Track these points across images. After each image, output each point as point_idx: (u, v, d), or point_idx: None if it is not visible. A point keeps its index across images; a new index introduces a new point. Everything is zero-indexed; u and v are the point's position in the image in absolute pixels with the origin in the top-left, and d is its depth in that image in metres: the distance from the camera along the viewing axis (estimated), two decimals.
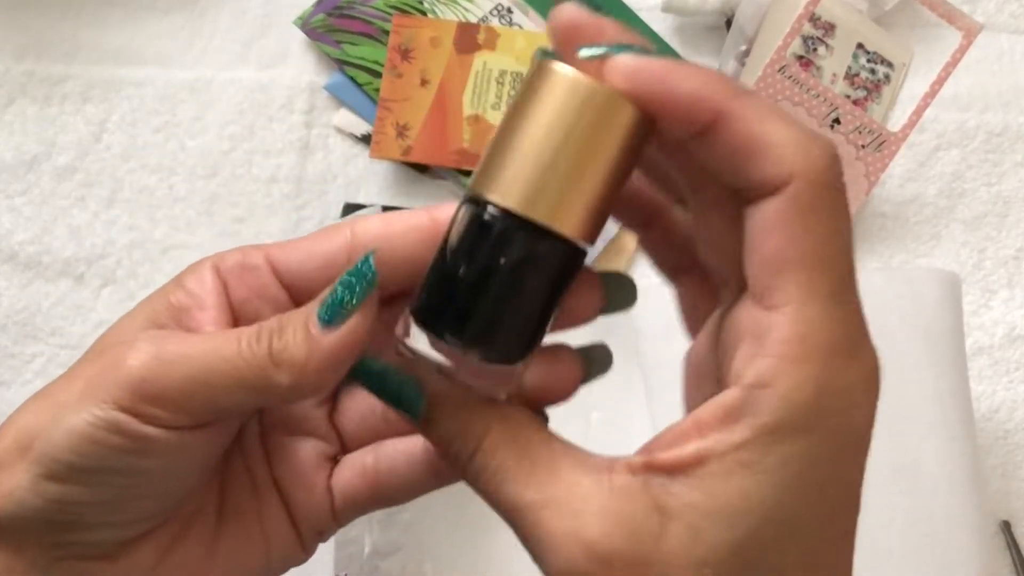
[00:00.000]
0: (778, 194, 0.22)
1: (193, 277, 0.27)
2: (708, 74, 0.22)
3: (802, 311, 0.22)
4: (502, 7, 0.59)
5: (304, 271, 0.28)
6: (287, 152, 0.58)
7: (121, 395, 0.24)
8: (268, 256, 0.28)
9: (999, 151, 0.62)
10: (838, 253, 0.22)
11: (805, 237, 0.22)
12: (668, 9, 0.59)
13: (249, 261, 0.28)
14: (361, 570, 0.49)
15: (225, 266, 0.28)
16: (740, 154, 0.22)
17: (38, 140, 0.57)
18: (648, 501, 0.22)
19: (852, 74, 0.56)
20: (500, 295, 0.24)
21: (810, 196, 0.22)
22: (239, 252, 0.28)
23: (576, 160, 0.23)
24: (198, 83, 0.59)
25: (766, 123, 0.22)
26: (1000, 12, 0.64)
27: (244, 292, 0.28)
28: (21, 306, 0.55)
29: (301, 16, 0.59)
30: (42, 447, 0.24)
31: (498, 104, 0.57)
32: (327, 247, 0.28)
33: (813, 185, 0.22)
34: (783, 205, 0.22)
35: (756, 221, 0.22)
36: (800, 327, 0.21)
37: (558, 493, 0.23)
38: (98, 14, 0.60)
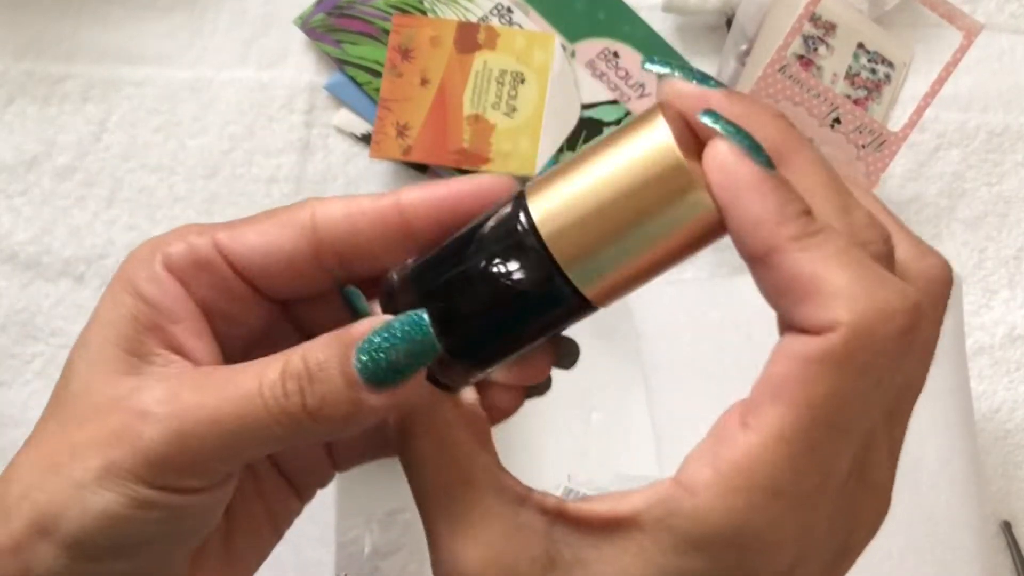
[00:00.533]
0: (816, 337, 0.20)
1: (149, 284, 0.25)
2: (779, 199, 0.21)
3: (767, 447, 0.20)
4: (502, 6, 0.59)
5: (263, 266, 0.26)
6: (287, 152, 0.58)
7: (147, 472, 0.23)
8: (219, 246, 0.26)
9: (1000, 151, 0.62)
10: (849, 413, 0.20)
11: (815, 385, 0.20)
12: (669, 9, 0.59)
13: (201, 256, 0.26)
14: (361, 570, 0.49)
15: (177, 264, 0.26)
16: (786, 295, 0.21)
17: (38, 140, 0.57)
18: (541, 547, 0.22)
19: (853, 74, 0.56)
20: (490, 309, 0.23)
21: (847, 349, 0.20)
22: (183, 243, 0.26)
23: (629, 228, 0.22)
24: (198, 83, 0.59)
25: (821, 265, 0.20)
26: (1000, 12, 0.64)
27: (206, 292, 0.26)
28: (21, 306, 0.55)
29: (301, 16, 0.59)
30: (72, 531, 0.23)
31: (498, 104, 0.57)
32: (286, 240, 0.26)
33: (858, 336, 0.20)
34: (811, 349, 0.20)
35: (783, 342, 0.21)
36: (755, 461, 0.20)
37: (462, 509, 0.23)
38: (98, 13, 0.60)
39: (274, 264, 0.26)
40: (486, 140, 0.57)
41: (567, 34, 0.59)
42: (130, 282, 0.25)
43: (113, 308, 0.25)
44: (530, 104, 0.57)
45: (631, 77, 0.59)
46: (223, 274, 0.26)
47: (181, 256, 0.26)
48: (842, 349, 0.20)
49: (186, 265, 0.26)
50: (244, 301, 0.26)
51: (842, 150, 0.55)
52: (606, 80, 0.59)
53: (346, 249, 0.26)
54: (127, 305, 0.25)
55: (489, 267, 0.23)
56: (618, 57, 0.60)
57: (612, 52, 0.60)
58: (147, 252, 0.26)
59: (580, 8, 0.60)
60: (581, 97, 0.58)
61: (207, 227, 0.27)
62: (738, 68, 0.58)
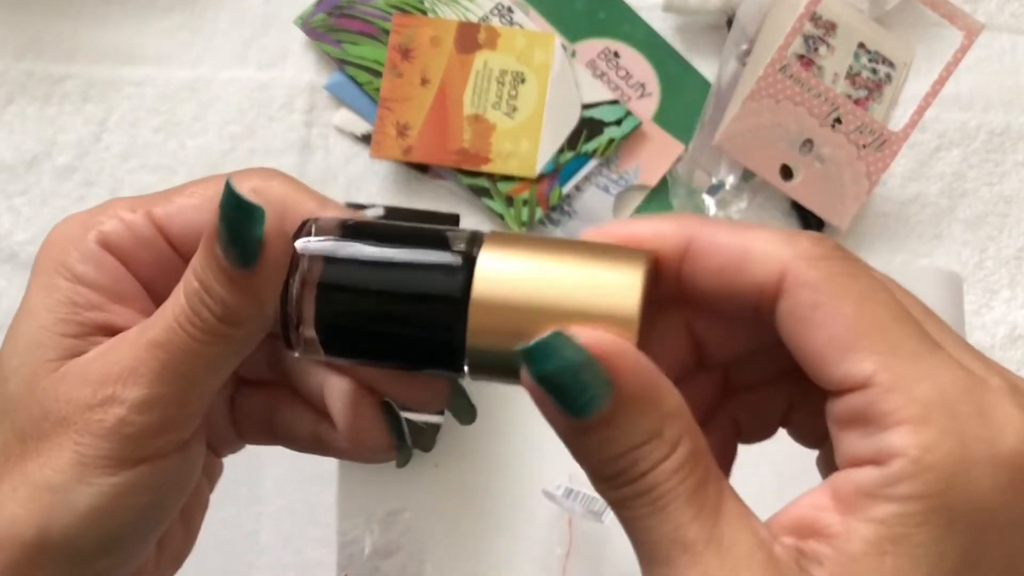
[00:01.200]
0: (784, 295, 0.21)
1: (85, 265, 0.24)
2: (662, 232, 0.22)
3: (896, 375, 0.20)
4: (503, 6, 0.59)
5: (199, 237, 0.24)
6: (287, 152, 0.58)
7: (122, 449, 0.23)
8: (157, 224, 0.25)
9: (1000, 151, 0.62)
10: (883, 308, 0.21)
11: (836, 314, 0.20)
12: (669, 8, 0.59)
13: (140, 233, 0.25)
14: (362, 570, 0.49)
15: (114, 242, 0.25)
16: (726, 272, 0.22)
17: (38, 140, 0.57)
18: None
19: (853, 74, 0.56)
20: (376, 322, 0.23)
21: (814, 276, 0.21)
22: (116, 220, 0.25)
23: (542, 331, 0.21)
24: (198, 83, 0.59)
25: (741, 236, 0.22)
26: (1001, 12, 0.64)
27: (146, 270, 0.25)
28: None
29: (301, 16, 0.59)
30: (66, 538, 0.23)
31: (498, 104, 0.57)
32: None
33: (810, 264, 0.21)
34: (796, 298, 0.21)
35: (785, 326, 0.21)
36: (904, 389, 0.20)
37: (722, 541, 0.21)
38: (98, 13, 0.60)
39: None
40: (486, 140, 0.57)
41: (567, 34, 0.59)
42: (62, 264, 0.24)
43: (46, 294, 0.24)
44: (530, 104, 0.57)
45: (632, 77, 0.59)
46: (163, 251, 0.25)
47: (118, 234, 0.25)
48: (808, 274, 0.21)
49: (124, 243, 0.25)
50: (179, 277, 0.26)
51: (843, 150, 0.55)
52: (606, 80, 0.59)
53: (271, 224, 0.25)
54: (62, 289, 0.24)
55: (406, 289, 0.23)
56: (618, 57, 0.59)
57: (612, 52, 0.59)
58: (76, 231, 0.25)
59: (580, 8, 0.60)
60: (581, 97, 0.58)
61: (136, 200, 0.26)
62: (738, 68, 0.58)
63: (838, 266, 0.21)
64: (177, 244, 0.25)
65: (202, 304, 0.23)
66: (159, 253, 0.25)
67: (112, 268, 0.25)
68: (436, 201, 0.58)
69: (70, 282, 0.24)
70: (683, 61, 0.60)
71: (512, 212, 0.57)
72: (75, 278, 0.24)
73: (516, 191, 0.57)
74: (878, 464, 0.20)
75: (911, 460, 0.19)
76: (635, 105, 0.59)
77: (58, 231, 0.25)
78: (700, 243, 0.22)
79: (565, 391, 0.20)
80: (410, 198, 0.58)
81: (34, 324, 0.24)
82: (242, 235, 0.22)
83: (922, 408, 0.19)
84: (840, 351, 0.20)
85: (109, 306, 0.24)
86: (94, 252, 0.24)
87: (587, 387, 0.20)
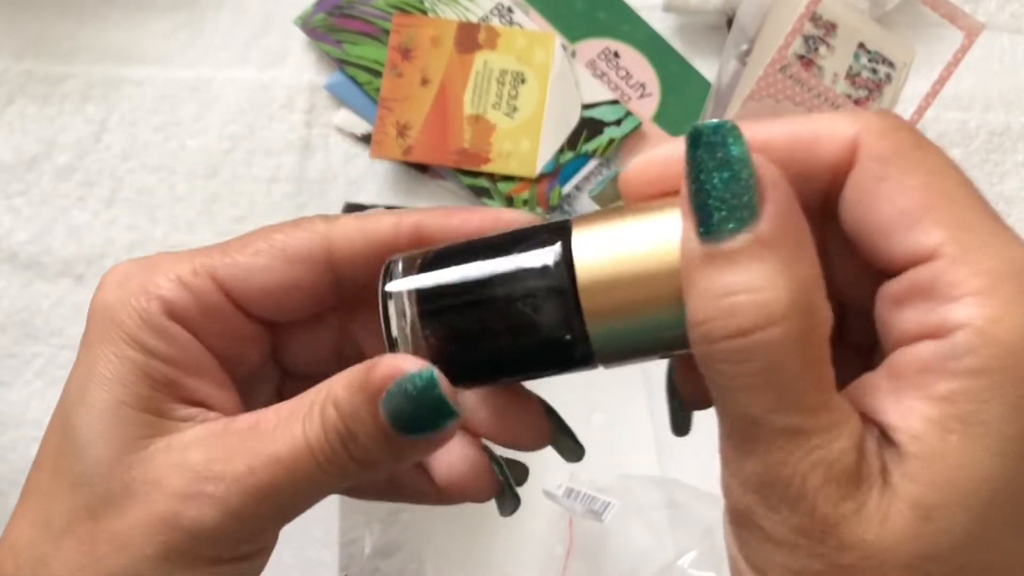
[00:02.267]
0: (853, 170, 0.20)
1: (157, 338, 0.23)
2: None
3: (965, 247, 0.19)
4: (503, 6, 0.59)
5: (274, 306, 0.24)
6: (287, 152, 0.58)
7: (209, 550, 0.22)
8: (224, 289, 0.24)
9: (1001, 151, 0.62)
10: (952, 182, 0.20)
11: (905, 186, 0.19)
12: (669, 8, 0.59)
13: (208, 303, 0.24)
14: (362, 570, 0.49)
15: (183, 314, 0.24)
16: (796, 158, 0.20)
17: (38, 140, 0.57)
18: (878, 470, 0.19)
19: (853, 74, 0.56)
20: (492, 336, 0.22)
21: (884, 147, 0.20)
22: (180, 287, 0.24)
23: (663, 304, 0.20)
24: (198, 83, 0.59)
25: (804, 121, 0.20)
26: (1001, 12, 0.64)
27: (217, 339, 0.24)
28: (21, 306, 0.55)
29: (301, 15, 0.59)
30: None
31: (499, 104, 0.57)
32: (300, 278, 0.24)
33: (880, 135, 0.20)
34: (864, 171, 0.20)
35: (850, 202, 0.20)
36: (973, 260, 0.19)
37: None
38: (98, 13, 0.60)
39: (285, 302, 0.25)
40: (486, 140, 0.57)
41: (568, 34, 0.59)
42: (130, 336, 0.23)
43: (118, 364, 0.23)
44: (531, 104, 0.57)
45: (632, 77, 0.59)
46: (232, 318, 0.25)
47: (185, 304, 0.24)
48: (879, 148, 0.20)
49: (192, 314, 0.24)
50: (251, 339, 0.25)
51: None
52: (607, 80, 0.59)
53: (363, 277, 0.24)
54: (136, 361, 0.23)
55: (510, 297, 0.22)
56: (619, 57, 0.59)
57: (613, 52, 0.59)
58: (137, 297, 0.24)
59: (580, 8, 0.60)
60: (582, 97, 0.58)
61: (194, 258, 0.25)
62: (739, 68, 0.58)
63: (907, 138, 0.20)
64: (246, 306, 0.25)
65: (344, 447, 0.22)
66: (228, 320, 0.25)
67: (184, 342, 0.24)
68: (436, 201, 0.58)
69: (143, 355, 0.23)
70: (683, 61, 0.60)
71: None
72: (147, 352, 0.23)
73: (516, 191, 0.57)
74: (940, 337, 0.18)
75: (976, 331, 0.18)
76: (635, 105, 0.59)
77: (114, 294, 0.24)
78: (759, 138, 0.21)
79: (715, 193, 0.19)
80: (410, 198, 0.58)
81: (110, 396, 0.23)
82: (424, 425, 0.22)
83: (990, 280, 0.18)
84: (907, 223, 0.19)
85: (185, 380, 0.24)
86: (163, 325, 0.24)
87: (736, 198, 0.19)
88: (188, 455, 0.22)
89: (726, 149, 0.19)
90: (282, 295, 0.25)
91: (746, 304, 0.18)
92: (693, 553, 0.44)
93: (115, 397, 0.23)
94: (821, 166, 0.21)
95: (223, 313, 0.24)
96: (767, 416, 0.18)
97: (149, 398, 0.23)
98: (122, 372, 0.23)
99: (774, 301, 0.18)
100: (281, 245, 0.24)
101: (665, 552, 0.45)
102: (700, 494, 0.45)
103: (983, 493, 0.18)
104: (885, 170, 0.20)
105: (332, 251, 0.24)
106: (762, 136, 0.21)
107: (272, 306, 0.25)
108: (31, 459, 0.58)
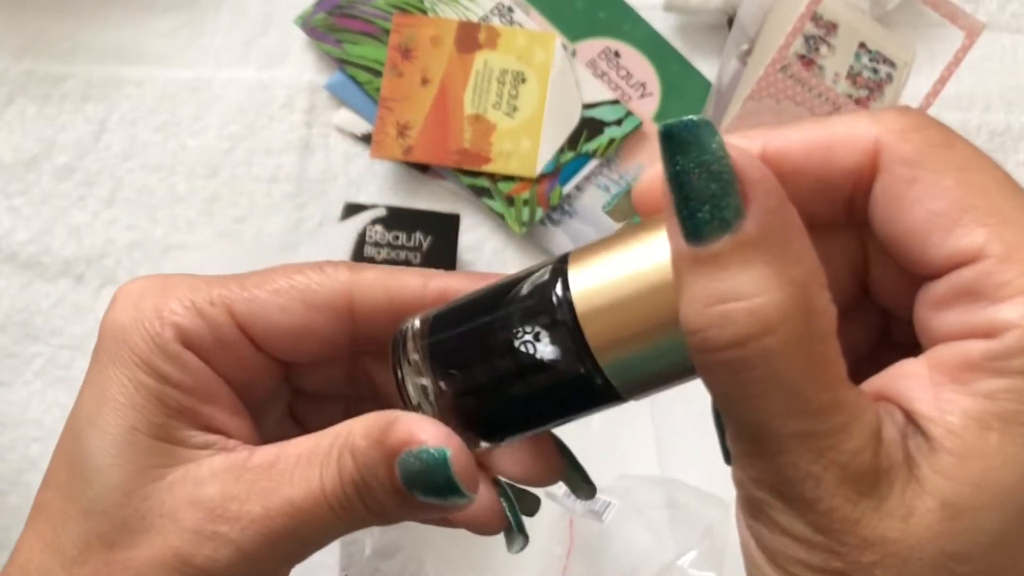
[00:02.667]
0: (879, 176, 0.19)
1: (172, 366, 0.23)
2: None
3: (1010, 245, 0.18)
4: (503, 6, 0.59)
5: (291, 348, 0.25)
6: (287, 152, 0.58)
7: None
8: (241, 325, 0.24)
9: (1002, 150, 0.62)
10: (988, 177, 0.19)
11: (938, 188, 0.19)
12: (670, 8, 0.59)
13: (224, 336, 0.24)
14: (362, 571, 0.49)
15: (198, 343, 0.24)
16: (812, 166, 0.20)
17: (38, 140, 0.57)
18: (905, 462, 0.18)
19: (854, 74, 0.56)
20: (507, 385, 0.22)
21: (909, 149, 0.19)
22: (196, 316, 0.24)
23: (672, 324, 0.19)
24: (198, 82, 0.59)
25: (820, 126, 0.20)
26: (1002, 12, 0.64)
27: (230, 370, 0.24)
28: (21, 306, 0.55)
29: (302, 15, 0.59)
30: None
31: (499, 103, 0.57)
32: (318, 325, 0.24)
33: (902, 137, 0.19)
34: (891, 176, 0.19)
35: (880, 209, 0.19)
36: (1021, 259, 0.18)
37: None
38: (98, 13, 0.60)
39: (299, 345, 0.25)
40: (487, 140, 0.57)
41: (568, 33, 0.59)
42: (144, 361, 0.23)
43: (132, 391, 0.23)
44: (531, 104, 0.57)
45: (632, 77, 0.59)
46: (246, 352, 0.25)
47: (199, 333, 0.24)
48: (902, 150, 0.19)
49: (206, 343, 0.24)
50: (264, 370, 0.26)
51: None
52: (607, 80, 0.59)
53: (381, 330, 0.24)
54: (149, 387, 0.23)
55: (513, 338, 0.21)
56: (619, 56, 0.59)
57: (613, 51, 0.59)
58: (151, 322, 0.24)
59: (581, 7, 0.60)
60: (582, 97, 0.58)
61: (209, 285, 0.24)
62: (739, 68, 0.58)
63: (933, 136, 0.19)
64: (260, 342, 0.25)
65: (360, 497, 0.22)
66: (241, 353, 0.25)
67: (198, 370, 0.24)
68: (436, 201, 0.58)
69: (156, 381, 0.23)
70: (684, 61, 0.60)
71: (512, 212, 0.57)
72: (161, 378, 0.23)
73: (516, 191, 0.57)
74: (989, 337, 0.18)
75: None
76: (635, 105, 0.59)
77: (128, 315, 0.24)
78: (775, 146, 0.20)
79: (693, 193, 0.18)
80: (410, 198, 0.58)
81: (123, 422, 0.23)
82: (438, 494, 0.22)
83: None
84: (945, 225, 0.18)
85: (199, 407, 0.24)
86: (177, 352, 0.24)
87: (716, 197, 0.18)
88: (204, 490, 0.22)
89: (700, 145, 0.18)
90: (297, 337, 0.25)
91: (738, 312, 0.18)
92: (693, 553, 0.44)
93: (128, 423, 0.23)
94: (841, 173, 0.20)
95: (237, 346, 0.24)
96: (773, 422, 0.18)
97: (163, 425, 0.23)
98: (135, 398, 0.23)
99: (767, 307, 0.18)
100: (302, 288, 0.24)
101: (665, 552, 0.45)
102: (700, 494, 0.45)
103: (1020, 495, 0.17)
104: (914, 173, 0.19)
105: (353, 303, 0.24)
106: (777, 144, 0.20)
107: (286, 347, 0.25)
108: (31, 459, 0.58)
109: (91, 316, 0.56)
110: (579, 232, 0.57)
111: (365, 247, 0.52)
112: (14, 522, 0.53)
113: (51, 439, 0.53)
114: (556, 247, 0.57)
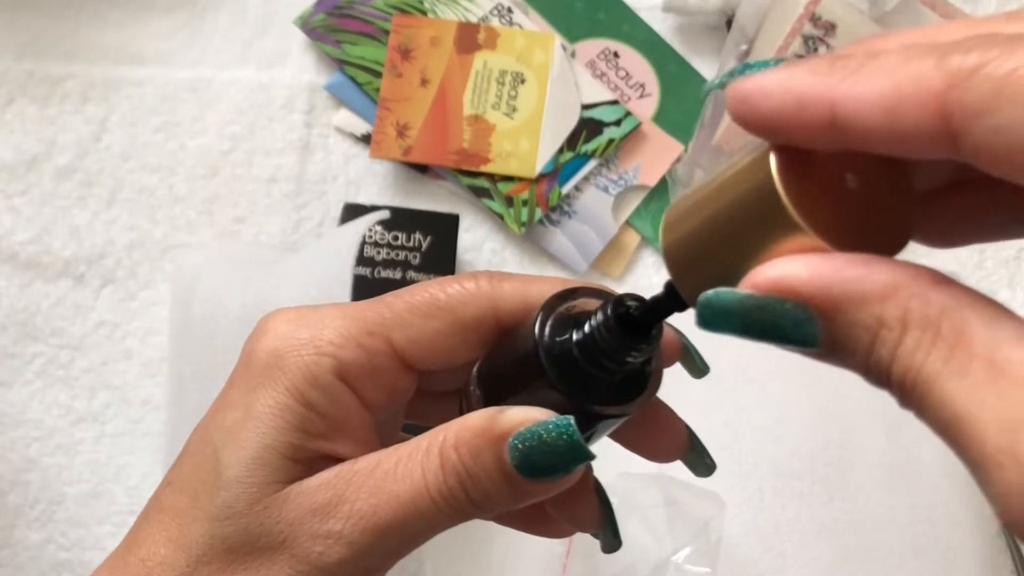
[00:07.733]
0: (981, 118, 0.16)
1: (322, 396, 0.25)
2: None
3: None
4: (502, 7, 0.59)
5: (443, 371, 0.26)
6: (287, 152, 0.58)
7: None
8: (394, 347, 0.25)
9: None
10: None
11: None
12: (668, 9, 0.59)
13: (380, 364, 0.25)
14: None
15: (352, 373, 0.25)
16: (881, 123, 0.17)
17: (38, 140, 0.57)
18: None
19: None
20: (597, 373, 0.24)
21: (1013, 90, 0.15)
22: (358, 349, 0.25)
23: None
24: (198, 83, 0.59)
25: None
26: (1000, 12, 0.64)
27: (378, 396, 0.26)
28: (21, 306, 0.55)
29: (301, 16, 0.59)
30: None
31: (498, 104, 0.57)
32: (472, 349, 0.26)
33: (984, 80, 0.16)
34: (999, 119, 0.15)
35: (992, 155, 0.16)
36: None
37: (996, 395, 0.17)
38: (98, 13, 0.60)
39: (449, 360, 0.26)
40: (486, 140, 0.57)
41: (567, 34, 0.59)
42: (295, 387, 0.25)
43: (276, 412, 0.25)
44: (530, 104, 0.57)
45: (631, 77, 0.59)
46: (400, 379, 0.26)
47: (358, 366, 0.25)
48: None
49: (362, 375, 0.25)
50: (408, 386, 0.27)
51: None
52: (606, 80, 0.59)
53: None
54: (296, 413, 0.25)
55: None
56: (618, 57, 0.60)
57: (612, 52, 0.60)
58: (309, 352, 0.25)
59: (580, 8, 0.60)
60: (581, 97, 0.58)
61: (367, 316, 0.26)
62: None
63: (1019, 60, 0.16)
64: (413, 363, 0.26)
65: (464, 491, 0.24)
66: (391, 376, 0.26)
67: (345, 402, 0.25)
68: (436, 201, 0.58)
69: (303, 407, 0.25)
70: (683, 61, 0.60)
71: (512, 212, 0.57)
72: (308, 405, 0.25)
73: (516, 191, 0.57)
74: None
75: None
76: (635, 105, 0.59)
77: (285, 343, 0.25)
78: (845, 108, 0.17)
79: (773, 334, 0.18)
80: (410, 198, 0.58)
81: (262, 441, 0.25)
82: (553, 469, 0.23)
83: None
84: None
85: (333, 435, 0.25)
86: (329, 383, 0.25)
87: (787, 323, 0.18)
88: (317, 495, 0.24)
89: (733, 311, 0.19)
90: (450, 354, 0.26)
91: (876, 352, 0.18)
92: (688, 549, 0.44)
93: (266, 442, 0.25)
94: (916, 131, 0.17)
95: (390, 371, 0.26)
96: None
97: (297, 448, 0.25)
98: (279, 420, 0.25)
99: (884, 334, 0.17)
100: (451, 307, 0.25)
101: (663, 549, 0.45)
102: (697, 491, 0.45)
103: None
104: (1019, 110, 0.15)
105: (499, 316, 0.26)
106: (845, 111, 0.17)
107: (437, 363, 0.26)
108: (31, 459, 0.58)
109: (91, 316, 0.56)
110: (578, 232, 0.58)
111: (364, 247, 0.52)
112: (14, 522, 0.53)
113: (51, 439, 0.54)
114: (555, 247, 0.57)
